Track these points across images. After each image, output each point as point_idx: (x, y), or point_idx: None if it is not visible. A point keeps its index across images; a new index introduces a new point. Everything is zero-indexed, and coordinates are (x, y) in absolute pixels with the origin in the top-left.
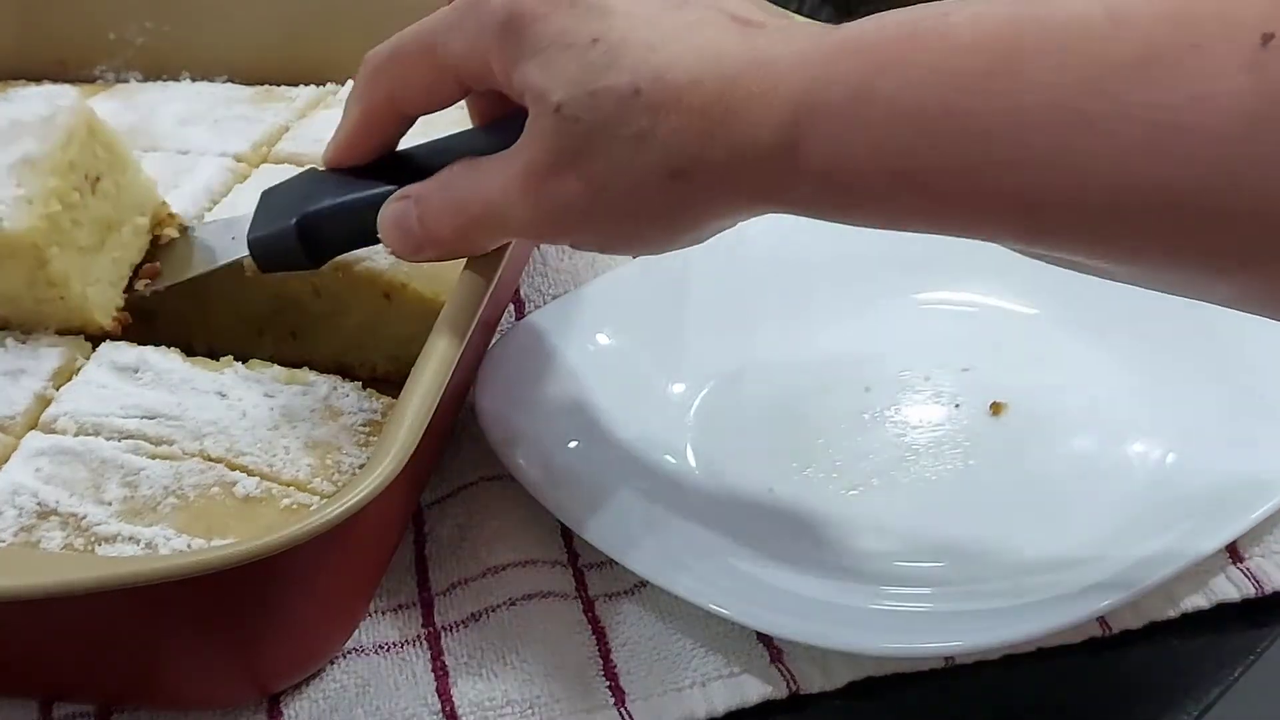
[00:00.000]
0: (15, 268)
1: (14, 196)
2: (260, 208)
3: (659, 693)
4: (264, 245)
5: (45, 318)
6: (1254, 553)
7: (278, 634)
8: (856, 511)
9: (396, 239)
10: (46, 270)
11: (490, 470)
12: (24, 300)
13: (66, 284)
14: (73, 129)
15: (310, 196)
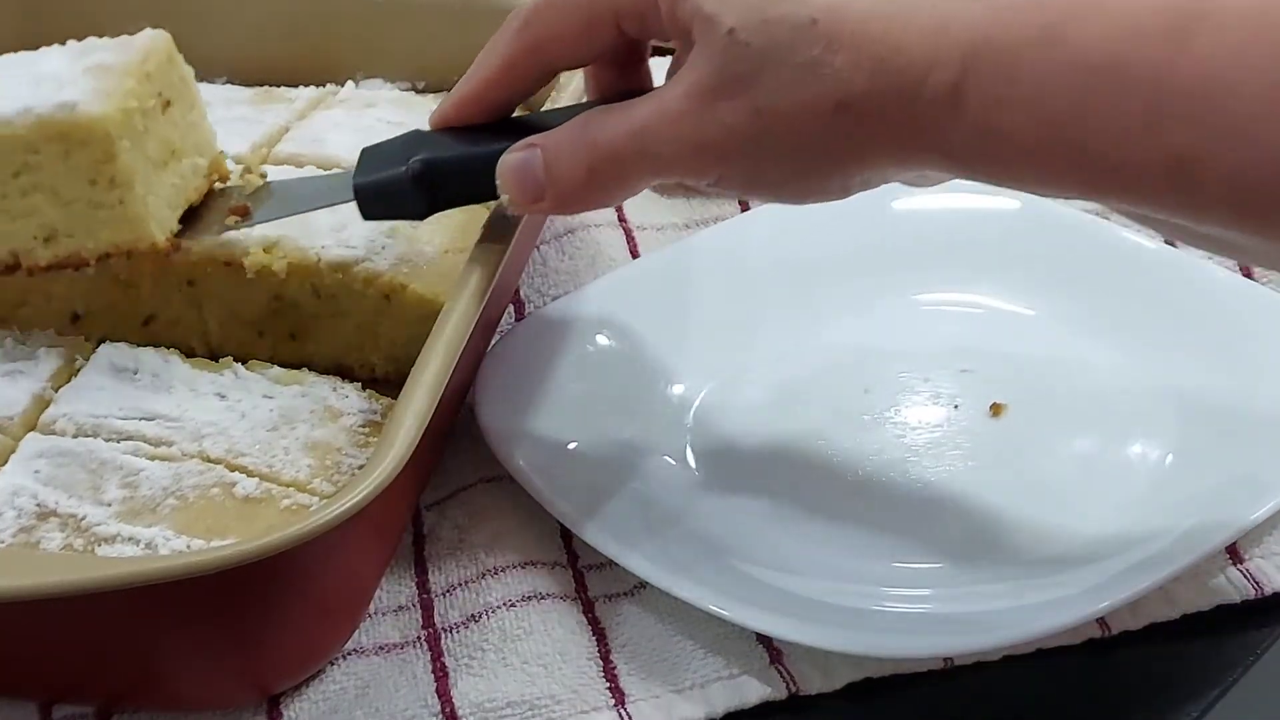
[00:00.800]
0: (82, 159)
1: (91, 88)
2: (363, 160)
3: (659, 694)
4: (373, 189)
5: (98, 227)
6: (1254, 554)
7: (277, 635)
8: (856, 512)
9: (517, 186)
10: (114, 165)
11: (490, 471)
12: (80, 204)
13: (130, 184)
14: (150, 48)
15: (422, 147)
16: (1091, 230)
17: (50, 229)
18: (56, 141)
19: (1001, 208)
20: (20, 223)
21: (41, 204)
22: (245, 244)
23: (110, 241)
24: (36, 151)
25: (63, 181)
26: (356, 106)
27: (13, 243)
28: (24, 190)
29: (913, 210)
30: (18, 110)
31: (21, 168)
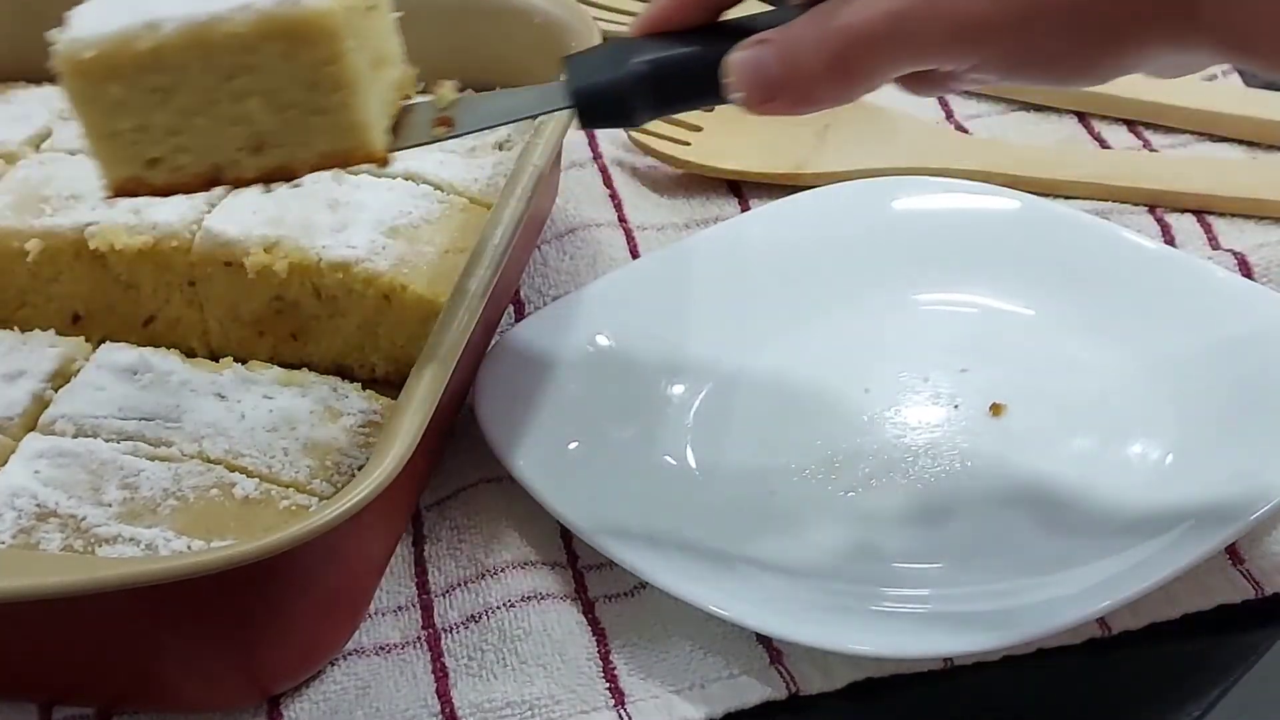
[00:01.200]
0: (305, 59)
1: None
2: (571, 68)
3: (659, 694)
4: (595, 93)
5: (313, 136)
6: (1254, 554)
7: (277, 635)
8: (856, 512)
9: (749, 82)
10: (339, 65)
11: (490, 471)
12: (297, 110)
13: (354, 87)
14: None
15: (634, 52)
16: (1091, 230)
17: (260, 138)
18: (279, 39)
19: (1001, 208)
20: (230, 131)
21: (255, 110)
22: (246, 244)
23: (325, 151)
24: (254, 51)
25: (281, 84)
26: None
27: (218, 154)
28: (236, 95)
29: (913, 210)
30: (235, 6)
31: (236, 69)
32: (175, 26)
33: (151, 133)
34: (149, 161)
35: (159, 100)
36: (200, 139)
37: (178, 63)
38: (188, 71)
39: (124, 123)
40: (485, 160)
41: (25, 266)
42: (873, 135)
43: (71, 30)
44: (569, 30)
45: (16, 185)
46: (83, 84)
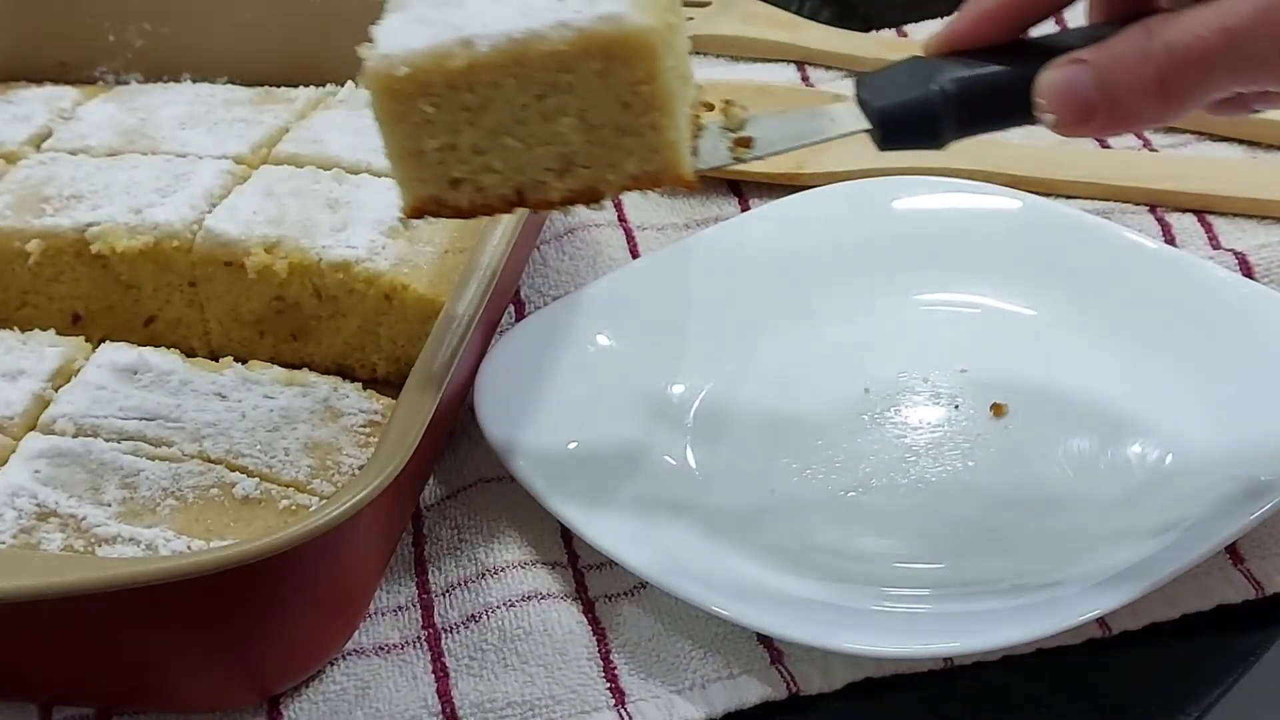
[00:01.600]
0: (622, 79)
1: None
2: (869, 88)
3: (659, 694)
4: (900, 113)
5: (622, 157)
6: (1254, 554)
7: (277, 635)
8: (856, 512)
9: (1064, 104)
10: (655, 85)
11: (490, 471)
12: (608, 129)
13: (669, 108)
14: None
15: (935, 71)
16: (1092, 230)
17: (568, 159)
18: (597, 58)
19: (1002, 207)
20: (538, 151)
21: (566, 130)
22: (246, 244)
23: (633, 172)
24: (570, 70)
25: (594, 103)
26: (356, 107)
27: (524, 175)
28: (547, 114)
29: (913, 210)
30: (551, 23)
31: (550, 88)
32: (491, 44)
33: (458, 152)
34: (452, 181)
35: (468, 119)
36: (507, 159)
37: (491, 80)
38: (500, 89)
39: (431, 142)
40: None
41: (26, 266)
42: None
43: (379, 46)
44: None
45: (17, 185)
46: (392, 102)
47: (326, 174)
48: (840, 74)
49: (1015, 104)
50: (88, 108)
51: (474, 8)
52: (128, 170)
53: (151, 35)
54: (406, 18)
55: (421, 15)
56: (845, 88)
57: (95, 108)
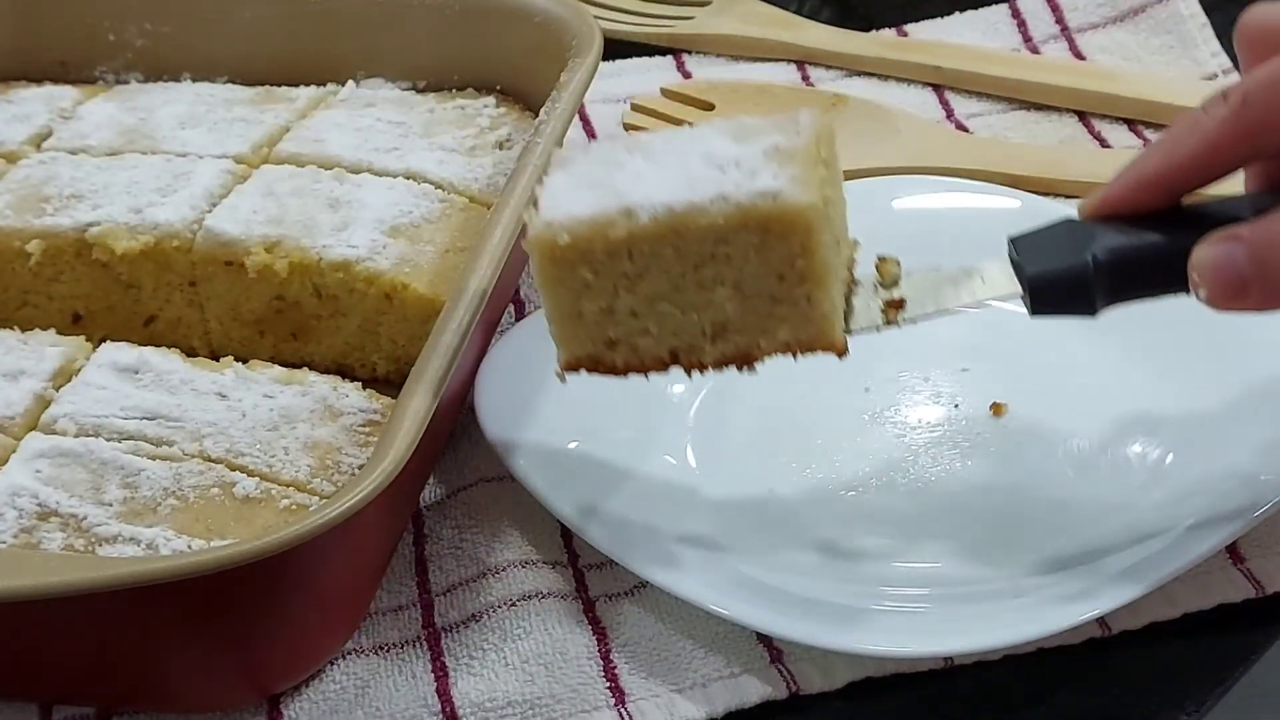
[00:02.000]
0: (778, 252)
1: (787, 175)
2: (1021, 250)
3: (659, 693)
4: (1049, 282)
5: (775, 325)
6: (1254, 553)
7: (277, 635)
8: (856, 511)
9: (1217, 281)
10: (810, 259)
11: (490, 471)
12: (761, 299)
13: (823, 280)
14: (819, 131)
15: (1090, 236)
16: None
17: (722, 324)
18: (754, 232)
19: (1002, 207)
20: (692, 317)
21: (720, 298)
22: (247, 244)
23: (786, 340)
24: (727, 242)
25: (749, 275)
26: (357, 106)
27: (679, 339)
28: (704, 283)
29: (913, 210)
30: (711, 196)
31: (707, 258)
32: (651, 215)
33: (615, 315)
34: (608, 342)
35: (627, 285)
36: (663, 324)
37: (650, 250)
38: (659, 258)
39: (589, 305)
40: (486, 159)
41: (26, 266)
42: (873, 134)
43: (543, 211)
44: (569, 29)
45: (17, 185)
46: (553, 268)
47: (327, 173)
48: (841, 74)
49: (1170, 275)
50: (88, 107)
51: (636, 169)
52: (128, 170)
53: (152, 34)
54: (570, 179)
55: (585, 176)
56: (846, 87)
57: (95, 107)
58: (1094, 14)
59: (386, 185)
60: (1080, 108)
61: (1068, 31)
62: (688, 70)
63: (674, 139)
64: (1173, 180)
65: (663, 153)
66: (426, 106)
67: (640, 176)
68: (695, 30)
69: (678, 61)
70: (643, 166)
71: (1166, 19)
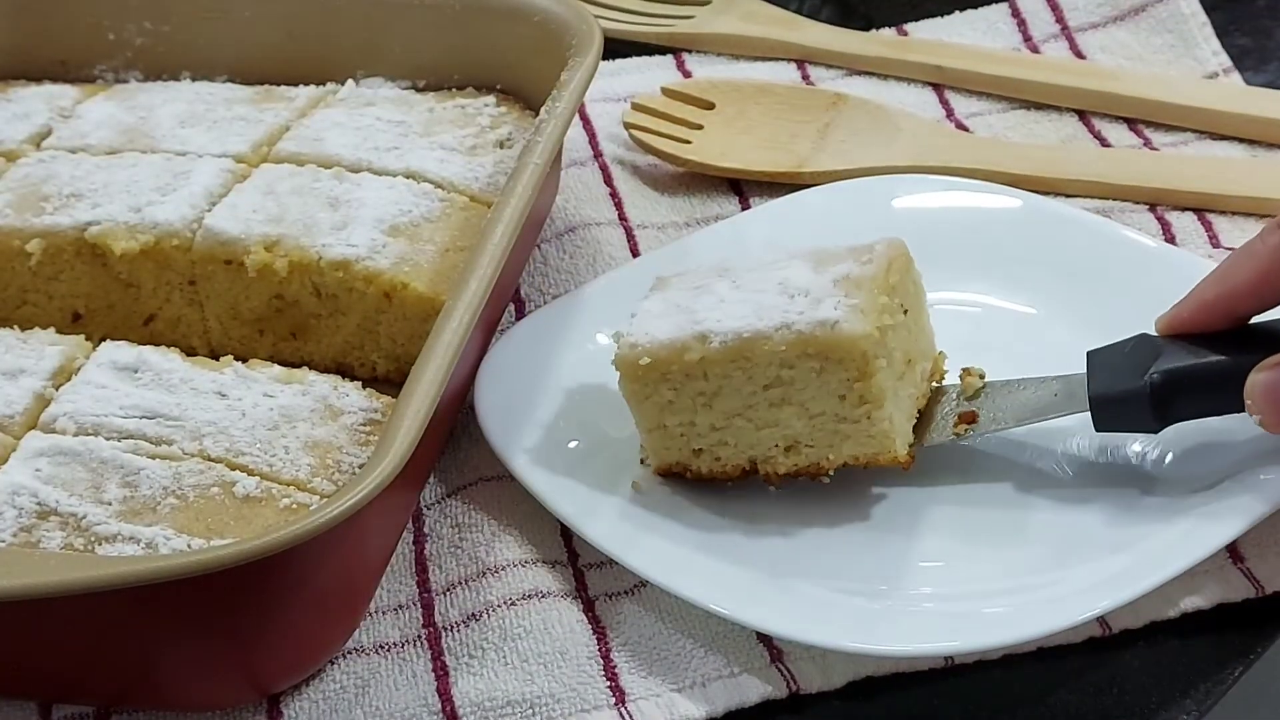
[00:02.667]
0: (836, 376)
1: (848, 304)
2: (1092, 366)
3: (659, 692)
4: (1109, 401)
5: (840, 441)
6: (1254, 553)
7: (277, 634)
8: (856, 511)
9: (1271, 406)
10: (867, 384)
11: (490, 470)
12: (826, 418)
13: (880, 402)
14: (893, 257)
15: (1155, 354)
16: (1093, 229)
17: (793, 439)
18: (814, 358)
19: (1002, 206)
20: (765, 432)
21: (788, 416)
22: (246, 242)
23: (851, 454)
24: (791, 367)
25: (813, 396)
26: (356, 105)
27: (755, 450)
28: (773, 402)
29: (913, 209)
30: (776, 325)
31: (774, 381)
32: (722, 340)
33: (696, 428)
34: (694, 451)
35: (704, 402)
36: (740, 437)
37: (722, 373)
38: (731, 380)
39: (672, 420)
40: (486, 159)
41: (26, 265)
42: (873, 134)
43: (632, 334)
44: (569, 29)
45: (17, 184)
46: (638, 385)
47: (327, 172)
48: (841, 73)
49: (1227, 397)
50: (87, 106)
51: (717, 296)
52: (127, 169)
53: (151, 33)
54: (662, 303)
55: (674, 301)
56: (846, 87)
57: (95, 106)
58: (1094, 13)
59: (386, 184)
60: (1080, 107)
61: (1068, 31)
62: (688, 69)
63: (761, 266)
64: (1230, 305)
65: (747, 280)
66: (426, 105)
67: (720, 304)
68: (695, 29)
69: (678, 61)
70: (726, 292)
71: (1167, 18)
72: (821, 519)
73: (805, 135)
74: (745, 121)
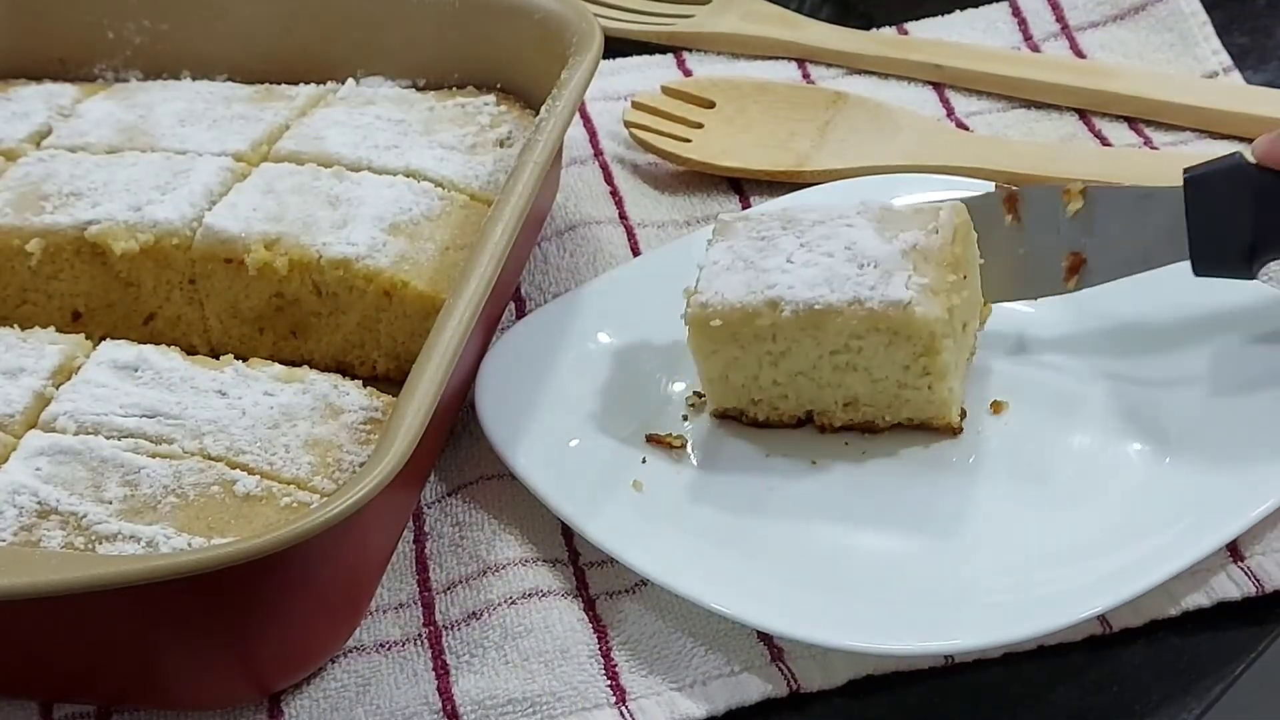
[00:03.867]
0: (904, 351)
1: (919, 284)
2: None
3: (660, 691)
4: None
5: (900, 405)
6: (1254, 551)
7: (278, 632)
8: (856, 510)
9: None
10: (933, 359)
11: (491, 469)
12: (889, 383)
13: (944, 376)
14: (957, 226)
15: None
16: None
17: (853, 398)
18: (884, 334)
19: None
20: (826, 390)
21: (853, 380)
22: (246, 241)
23: (908, 416)
24: (860, 338)
25: (878, 364)
26: (356, 104)
27: (813, 404)
28: (837, 366)
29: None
30: (849, 300)
31: (841, 348)
32: (794, 310)
33: (759, 382)
34: (753, 400)
35: (770, 361)
36: (800, 393)
37: (791, 338)
38: (799, 344)
39: (736, 375)
40: (486, 157)
41: (26, 265)
42: (873, 132)
43: (701, 294)
44: (570, 27)
45: (16, 182)
46: (707, 342)
47: (327, 171)
48: (841, 72)
49: None
50: (87, 105)
51: (784, 254)
52: (127, 168)
53: (151, 32)
54: (729, 254)
55: (741, 255)
56: (846, 85)
57: (95, 105)
58: (1094, 12)
59: (386, 183)
60: (1081, 106)
61: (1068, 29)
62: (688, 68)
63: (827, 219)
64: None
65: (813, 236)
66: (426, 104)
67: (789, 266)
68: (696, 28)
69: (678, 59)
70: (794, 250)
71: (1167, 16)
72: (821, 518)
73: (805, 134)
74: (745, 120)
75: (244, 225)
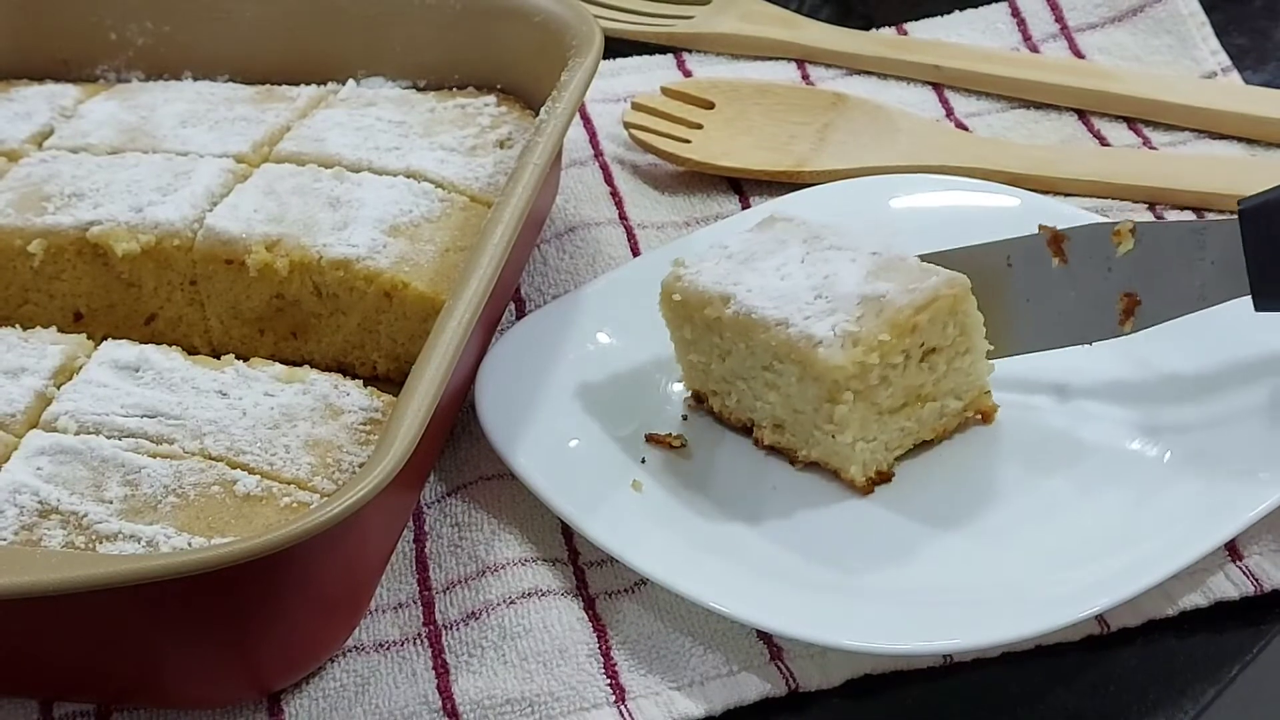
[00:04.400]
0: (811, 390)
1: (844, 330)
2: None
3: (659, 690)
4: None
5: (811, 443)
6: (1252, 551)
7: (278, 632)
8: (856, 510)
9: None
10: (833, 407)
11: (490, 469)
12: (805, 416)
13: (843, 429)
14: (938, 298)
15: None
16: None
17: (781, 420)
18: (796, 365)
19: (1001, 205)
20: (760, 405)
21: (777, 400)
22: (247, 242)
23: (820, 457)
24: (780, 360)
25: (796, 395)
26: (357, 105)
27: (751, 414)
28: (767, 382)
29: (911, 208)
30: (778, 320)
31: (769, 366)
32: (734, 313)
33: (711, 373)
34: (711, 390)
35: (718, 355)
36: (740, 399)
37: (731, 338)
38: (737, 348)
39: (694, 356)
40: (486, 158)
41: (28, 265)
42: (873, 133)
43: (689, 266)
44: (570, 29)
45: (18, 183)
46: (670, 312)
47: (328, 172)
48: (840, 72)
49: None
50: (89, 105)
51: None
52: (129, 168)
53: (153, 33)
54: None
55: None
56: (845, 86)
57: (96, 106)
58: (1093, 13)
59: (387, 184)
60: (1080, 106)
61: (1067, 30)
62: (688, 69)
63: (842, 247)
64: None
65: (816, 258)
66: (427, 105)
67: (767, 273)
68: (695, 29)
69: (678, 60)
70: (786, 264)
71: (1166, 18)
72: (821, 518)
73: (805, 135)
74: (745, 121)
75: (245, 226)
